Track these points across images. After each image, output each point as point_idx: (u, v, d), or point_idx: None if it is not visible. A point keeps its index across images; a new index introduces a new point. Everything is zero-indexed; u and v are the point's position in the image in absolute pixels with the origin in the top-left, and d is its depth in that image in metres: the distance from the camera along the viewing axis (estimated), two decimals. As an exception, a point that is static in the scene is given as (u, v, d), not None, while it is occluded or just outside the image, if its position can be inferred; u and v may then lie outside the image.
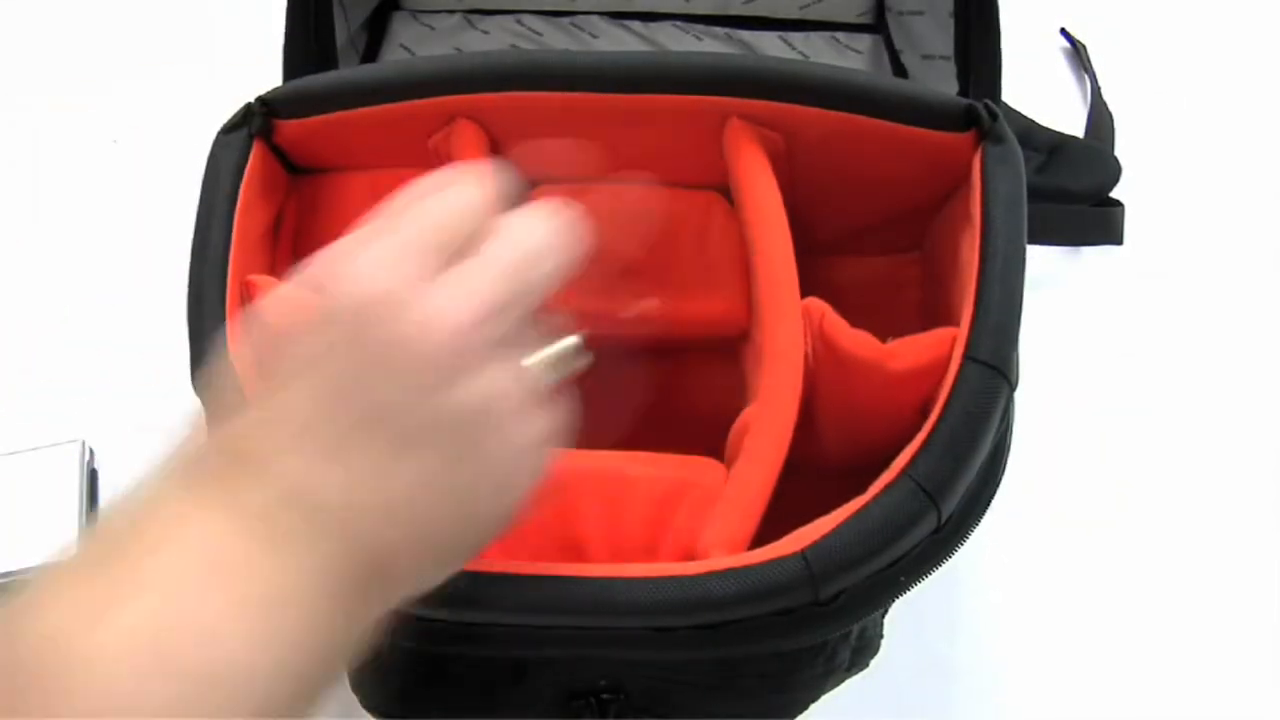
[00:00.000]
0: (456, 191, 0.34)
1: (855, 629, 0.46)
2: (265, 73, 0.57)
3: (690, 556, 0.42)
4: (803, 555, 0.38)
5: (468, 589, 0.38)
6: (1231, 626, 0.62)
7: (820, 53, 0.73)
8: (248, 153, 0.49)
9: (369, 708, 0.48)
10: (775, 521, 0.42)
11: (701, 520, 0.43)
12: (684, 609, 0.38)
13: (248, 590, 0.29)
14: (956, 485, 0.40)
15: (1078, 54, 0.81)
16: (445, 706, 0.46)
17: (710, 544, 0.41)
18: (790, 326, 0.45)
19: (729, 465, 0.46)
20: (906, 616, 0.50)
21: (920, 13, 0.67)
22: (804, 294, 0.47)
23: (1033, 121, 0.72)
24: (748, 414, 0.45)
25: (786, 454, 0.43)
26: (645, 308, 0.51)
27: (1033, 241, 0.45)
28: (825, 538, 0.38)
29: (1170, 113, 0.79)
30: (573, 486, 0.45)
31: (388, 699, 0.47)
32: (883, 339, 0.46)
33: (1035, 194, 0.47)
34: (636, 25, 0.73)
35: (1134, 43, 0.82)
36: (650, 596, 0.37)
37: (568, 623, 0.38)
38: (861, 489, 0.41)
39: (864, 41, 0.73)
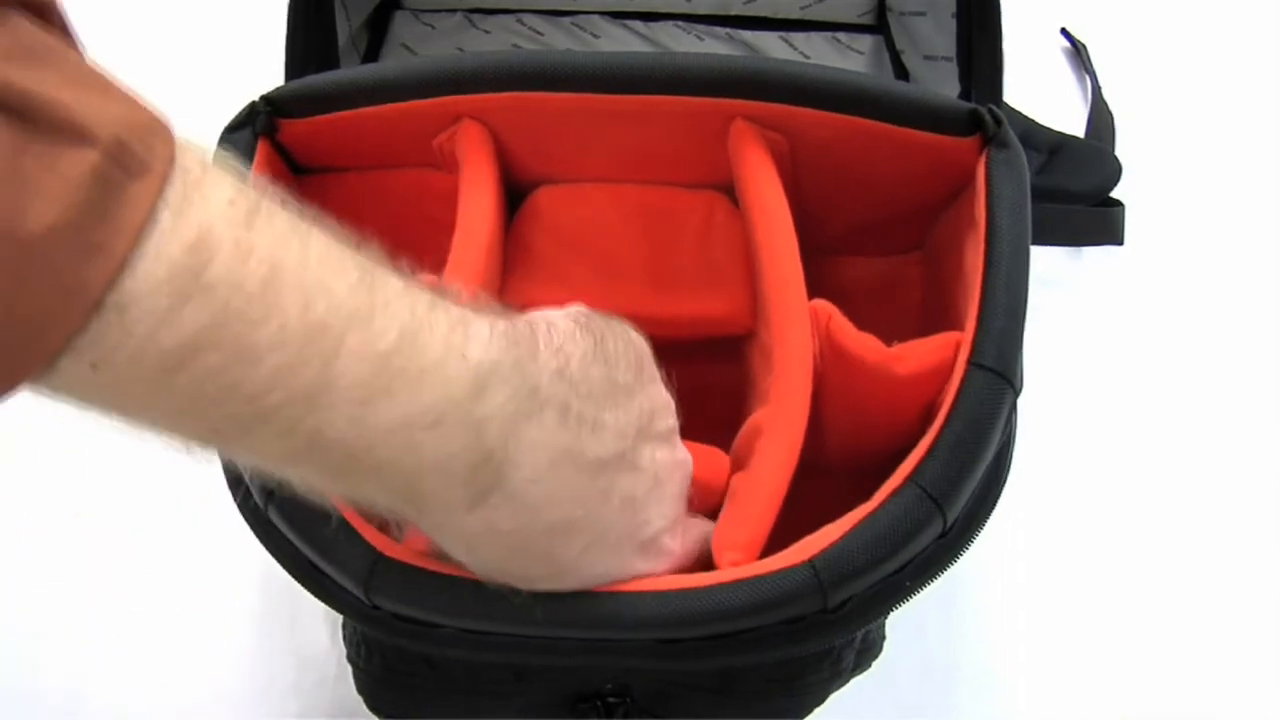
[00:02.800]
0: None
1: (860, 632, 0.46)
2: (266, 73, 0.57)
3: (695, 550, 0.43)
4: (811, 564, 0.38)
5: (476, 597, 0.38)
6: (1232, 626, 0.62)
7: (821, 53, 0.73)
8: (252, 152, 0.49)
9: (373, 708, 0.48)
10: (780, 522, 0.42)
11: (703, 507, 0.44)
12: (694, 621, 0.38)
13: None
14: (961, 491, 0.40)
15: (1078, 54, 0.81)
16: (449, 708, 0.46)
17: (724, 546, 0.41)
18: (799, 328, 0.45)
19: (738, 467, 0.46)
20: (908, 618, 0.50)
21: (921, 13, 0.67)
22: (807, 294, 0.47)
23: (1033, 121, 0.72)
24: (759, 416, 0.45)
25: (799, 456, 0.43)
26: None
27: (1034, 242, 0.45)
28: (832, 546, 0.38)
29: (1170, 113, 0.79)
30: None
31: (392, 700, 0.47)
32: (886, 339, 0.46)
33: (1036, 194, 0.47)
34: (638, 25, 0.73)
35: (1134, 43, 0.82)
36: (660, 610, 0.37)
37: (577, 634, 0.38)
38: (864, 489, 0.41)
39: (865, 42, 0.73)
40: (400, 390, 0.29)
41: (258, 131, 0.49)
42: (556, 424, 0.33)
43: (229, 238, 0.26)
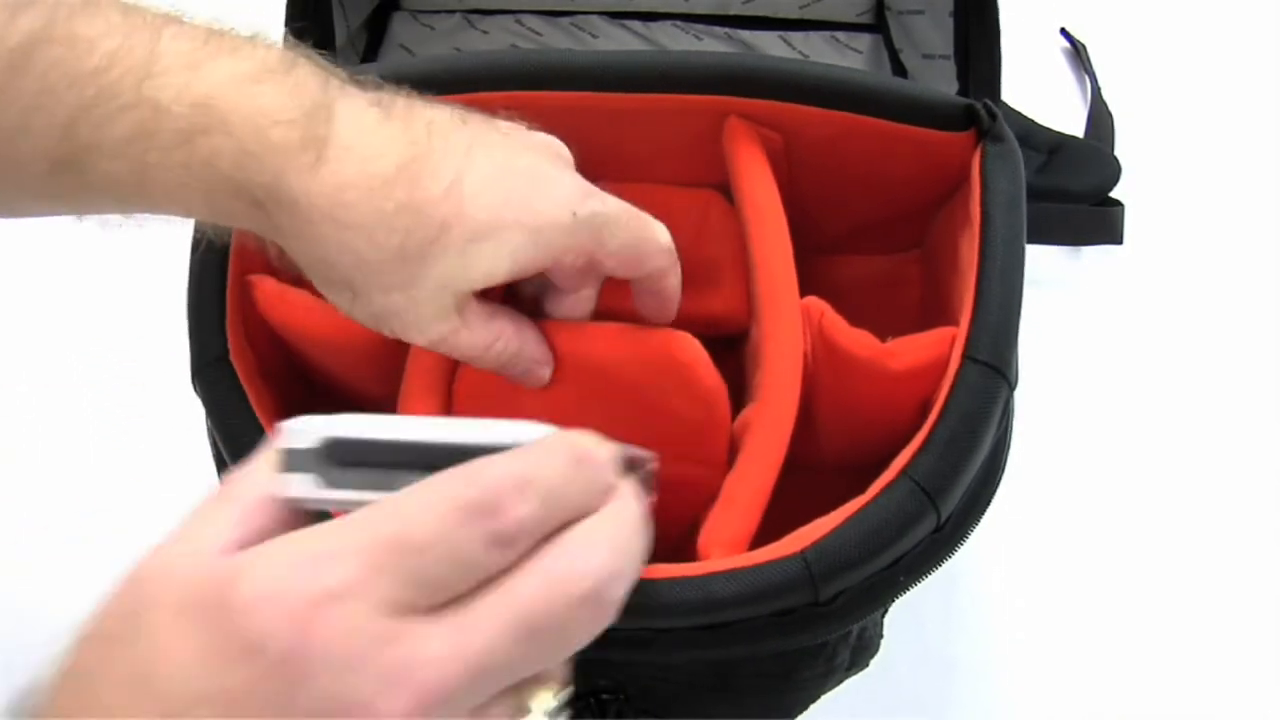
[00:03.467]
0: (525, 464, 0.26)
1: (855, 629, 0.45)
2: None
3: (691, 553, 0.42)
4: (802, 556, 0.38)
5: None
6: (1231, 625, 0.62)
7: (820, 52, 0.73)
8: (247, 152, 0.49)
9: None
10: (775, 519, 0.42)
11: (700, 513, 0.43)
12: (685, 610, 0.38)
13: None
14: (956, 485, 0.40)
15: (1078, 54, 0.81)
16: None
17: (710, 543, 0.41)
18: (789, 325, 0.45)
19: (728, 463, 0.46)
20: (906, 615, 0.50)
21: (920, 12, 0.67)
22: (805, 293, 0.47)
23: (1033, 121, 0.72)
24: (748, 413, 0.45)
25: (786, 453, 0.43)
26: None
27: (1033, 241, 0.45)
28: (824, 538, 0.38)
29: (1170, 113, 0.79)
30: None
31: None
32: (883, 337, 0.46)
33: (1035, 194, 0.47)
34: (636, 25, 0.73)
35: (1134, 43, 0.82)
36: (650, 597, 0.37)
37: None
38: (861, 487, 0.41)
39: (864, 41, 0.73)
40: (222, 57, 0.35)
41: (254, 130, 0.49)
42: (372, 100, 0.37)
43: None
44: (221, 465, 0.45)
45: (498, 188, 0.37)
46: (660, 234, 0.42)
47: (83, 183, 0.35)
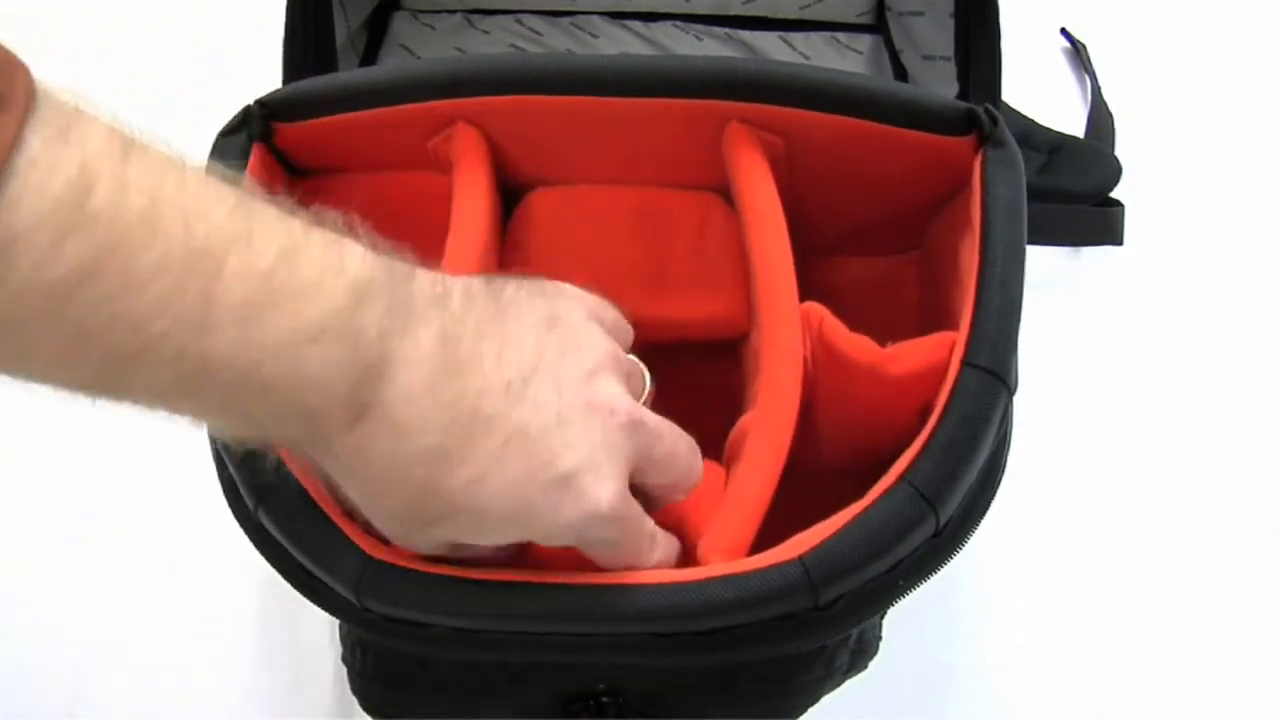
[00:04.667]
0: None
1: (854, 632, 0.46)
2: (265, 73, 0.57)
3: (689, 559, 0.43)
4: (801, 561, 0.38)
5: (468, 596, 0.38)
6: (1231, 627, 0.62)
7: (820, 53, 0.73)
8: (247, 155, 0.49)
9: (367, 708, 0.48)
10: (776, 523, 0.42)
11: (700, 522, 0.43)
12: (684, 615, 0.38)
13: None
14: (954, 490, 0.40)
15: (1078, 54, 0.81)
16: (442, 707, 0.46)
17: (710, 549, 0.41)
18: (789, 330, 0.45)
19: (728, 469, 0.46)
20: (904, 618, 0.50)
21: (920, 13, 0.67)
22: (804, 295, 0.47)
23: (1033, 121, 0.72)
24: (747, 419, 0.45)
25: (786, 458, 0.43)
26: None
27: (1033, 242, 0.45)
28: (824, 543, 0.38)
29: (1170, 113, 0.79)
30: None
31: (385, 699, 0.47)
32: (883, 339, 0.46)
33: (1035, 194, 0.47)
34: (637, 25, 0.73)
35: (1134, 43, 0.82)
36: (650, 603, 0.38)
37: (567, 629, 0.38)
38: (862, 491, 0.41)
39: (864, 42, 0.73)
40: (282, 306, 0.31)
41: (252, 136, 0.49)
42: (433, 345, 0.34)
43: (107, 171, 0.27)
44: (222, 466, 0.45)
45: (516, 494, 0.35)
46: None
47: (111, 403, 0.32)
